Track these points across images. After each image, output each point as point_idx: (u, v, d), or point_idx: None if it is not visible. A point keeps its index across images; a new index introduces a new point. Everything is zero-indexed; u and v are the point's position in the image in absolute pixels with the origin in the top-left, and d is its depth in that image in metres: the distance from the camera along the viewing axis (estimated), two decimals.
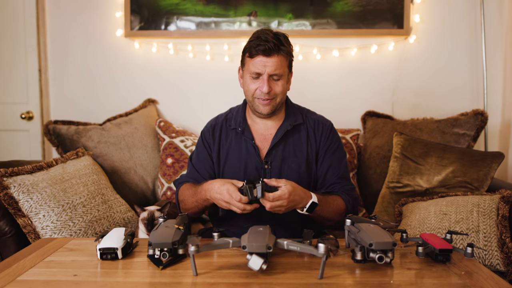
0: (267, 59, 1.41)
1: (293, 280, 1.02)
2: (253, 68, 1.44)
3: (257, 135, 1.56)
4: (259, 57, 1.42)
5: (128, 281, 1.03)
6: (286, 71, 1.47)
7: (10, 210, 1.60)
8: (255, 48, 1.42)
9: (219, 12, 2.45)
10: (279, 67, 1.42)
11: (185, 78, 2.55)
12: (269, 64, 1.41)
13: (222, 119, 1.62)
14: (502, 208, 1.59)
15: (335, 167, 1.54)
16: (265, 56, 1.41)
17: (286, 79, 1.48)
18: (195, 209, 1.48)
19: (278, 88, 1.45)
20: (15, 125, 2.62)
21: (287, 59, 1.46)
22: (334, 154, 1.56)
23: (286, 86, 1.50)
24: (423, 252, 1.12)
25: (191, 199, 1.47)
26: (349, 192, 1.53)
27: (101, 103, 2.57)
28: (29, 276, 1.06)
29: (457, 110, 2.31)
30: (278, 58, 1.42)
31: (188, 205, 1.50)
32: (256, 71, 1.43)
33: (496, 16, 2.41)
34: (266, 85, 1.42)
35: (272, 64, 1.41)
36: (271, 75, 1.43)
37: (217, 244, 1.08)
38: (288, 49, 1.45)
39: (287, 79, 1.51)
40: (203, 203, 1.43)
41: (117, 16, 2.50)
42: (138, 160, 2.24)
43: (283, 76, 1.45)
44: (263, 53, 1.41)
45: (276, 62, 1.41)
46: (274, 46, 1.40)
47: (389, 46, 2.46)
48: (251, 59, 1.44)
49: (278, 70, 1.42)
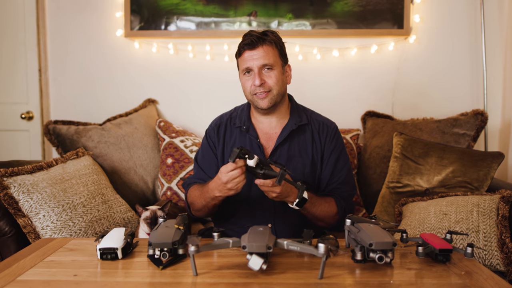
0: (253, 51, 1.43)
1: (293, 280, 1.02)
2: (243, 64, 1.46)
3: (262, 133, 1.56)
4: (246, 53, 1.45)
5: (128, 281, 1.03)
6: (277, 61, 1.46)
7: (10, 210, 1.60)
8: (241, 45, 1.46)
9: (219, 12, 2.45)
10: (267, 56, 1.43)
11: (185, 78, 2.55)
12: (255, 56, 1.43)
13: (227, 117, 1.62)
14: (502, 208, 1.59)
15: (337, 172, 1.54)
16: (250, 49, 1.44)
17: (280, 70, 1.47)
18: (205, 209, 1.48)
19: (271, 80, 1.45)
20: (15, 125, 2.62)
21: (275, 48, 1.46)
22: (337, 159, 1.55)
23: (282, 77, 1.48)
24: (423, 252, 1.12)
25: (199, 200, 1.47)
26: (346, 198, 1.53)
27: (101, 103, 2.57)
28: (29, 276, 1.06)
29: (457, 110, 2.31)
30: (264, 48, 1.43)
31: (197, 206, 1.50)
32: (246, 66, 1.45)
33: (496, 16, 2.41)
34: (258, 78, 1.43)
35: (259, 55, 1.43)
36: (261, 67, 1.44)
37: (217, 244, 1.08)
38: (273, 38, 1.46)
39: (282, 70, 1.49)
40: (211, 202, 1.42)
41: (117, 16, 2.50)
42: (138, 160, 2.24)
43: (274, 66, 1.45)
44: (248, 46, 1.44)
45: (262, 52, 1.43)
46: (258, 38, 1.43)
47: (389, 46, 2.46)
48: (240, 57, 1.48)
49: (267, 60, 1.43)
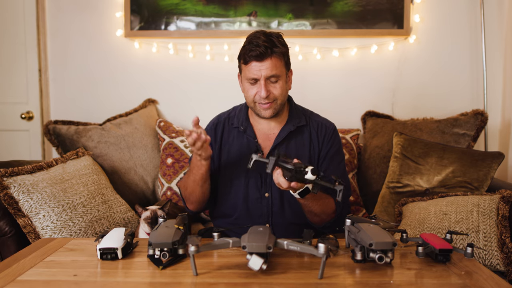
0: (261, 63, 1.41)
1: (293, 280, 1.02)
2: (249, 74, 1.44)
3: (260, 134, 1.56)
4: (252, 63, 1.42)
5: (128, 281, 1.03)
6: (283, 71, 1.46)
7: (10, 210, 1.60)
8: (247, 54, 1.42)
9: (219, 12, 2.45)
10: (274, 68, 1.42)
11: (185, 78, 2.55)
12: (263, 68, 1.41)
13: (225, 117, 1.62)
14: (502, 208, 1.59)
15: (333, 171, 1.53)
16: (258, 61, 1.41)
17: (284, 79, 1.47)
18: (196, 187, 1.47)
19: (277, 91, 1.44)
20: (15, 125, 2.62)
21: (282, 60, 1.45)
22: (333, 158, 1.55)
23: (285, 86, 1.48)
24: (423, 252, 1.12)
25: (189, 178, 1.48)
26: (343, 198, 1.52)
27: (101, 103, 2.57)
28: (29, 276, 1.06)
29: (457, 110, 2.31)
30: (272, 61, 1.41)
31: (189, 188, 1.50)
32: (252, 77, 1.43)
33: (496, 16, 2.41)
34: (264, 90, 1.41)
35: (267, 67, 1.41)
36: (267, 78, 1.42)
37: (217, 244, 1.08)
38: (281, 49, 1.43)
39: (286, 79, 1.49)
40: (198, 171, 1.43)
41: (117, 16, 2.50)
42: (138, 160, 2.24)
43: (280, 77, 1.44)
44: (255, 58, 1.40)
45: (270, 65, 1.41)
46: (266, 50, 1.39)
47: (389, 46, 2.46)
48: (245, 65, 1.45)
49: (274, 71, 1.42)
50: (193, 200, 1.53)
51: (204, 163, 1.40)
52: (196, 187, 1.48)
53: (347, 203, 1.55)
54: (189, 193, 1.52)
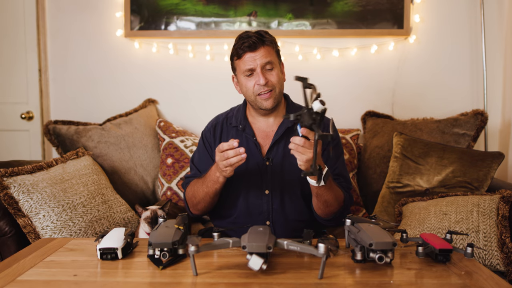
0: (255, 53, 1.46)
1: (293, 280, 1.02)
2: (244, 66, 1.47)
3: (259, 132, 1.57)
4: (247, 54, 1.46)
5: (128, 281, 1.03)
6: (276, 60, 1.51)
7: (10, 210, 1.60)
8: (240, 47, 1.47)
9: (219, 12, 2.45)
10: (268, 55, 1.47)
11: (185, 78, 2.55)
12: (257, 57, 1.46)
13: (223, 118, 1.64)
14: (502, 208, 1.59)
15: (332, 163, 1.53)
16: (252, 51, 1.46)
17: (279, 68, 1.52)
18: (207, 198, 1.47)
19: (274, 78, 1.48)
20: (15, 125, 2.62)
21: (274, 48, 1.51)
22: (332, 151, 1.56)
23: (281, 76, 1.53)
24: (423, 252, 1.12)
25: (201, 188, 1.47)
26: (346, 189, 1.53)
27: (101, 103, 2.57)
28: (29, 276, 1.06)
29: (457, 110, 2.31)
30: (265, 49, 1.47)
31: (198, 197, 1.49)
32: (248, 68, 1.46)
33: (496, 16, 2.41)
34: (262, 77, 1.45)
35: (261, 55, 1.46)
36: (263, 66, 1.46)
37: (217, 244, 1.08)
38: (271, 38, 1.50)
39: (280, 68, 1.54)
40: (213, 186, 1.42)
41: (117, 16, 2.50)
42: (138, 160, 2.24)
43: (275, 65, 1.49)
44: (249, 49, 1.46)
45: (264, 52, 1.46)
46: (258, 39, 1.46)
47: (389, 46, 2.46)
48: (240, 59, 1.49)
49: (269, 58, 1.47)
50: (200, 208, 1.53)
51: (222, 180, 1.40)
52: (207, 198, 1.48)
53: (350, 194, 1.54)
54: (197, 202, 1.52)
